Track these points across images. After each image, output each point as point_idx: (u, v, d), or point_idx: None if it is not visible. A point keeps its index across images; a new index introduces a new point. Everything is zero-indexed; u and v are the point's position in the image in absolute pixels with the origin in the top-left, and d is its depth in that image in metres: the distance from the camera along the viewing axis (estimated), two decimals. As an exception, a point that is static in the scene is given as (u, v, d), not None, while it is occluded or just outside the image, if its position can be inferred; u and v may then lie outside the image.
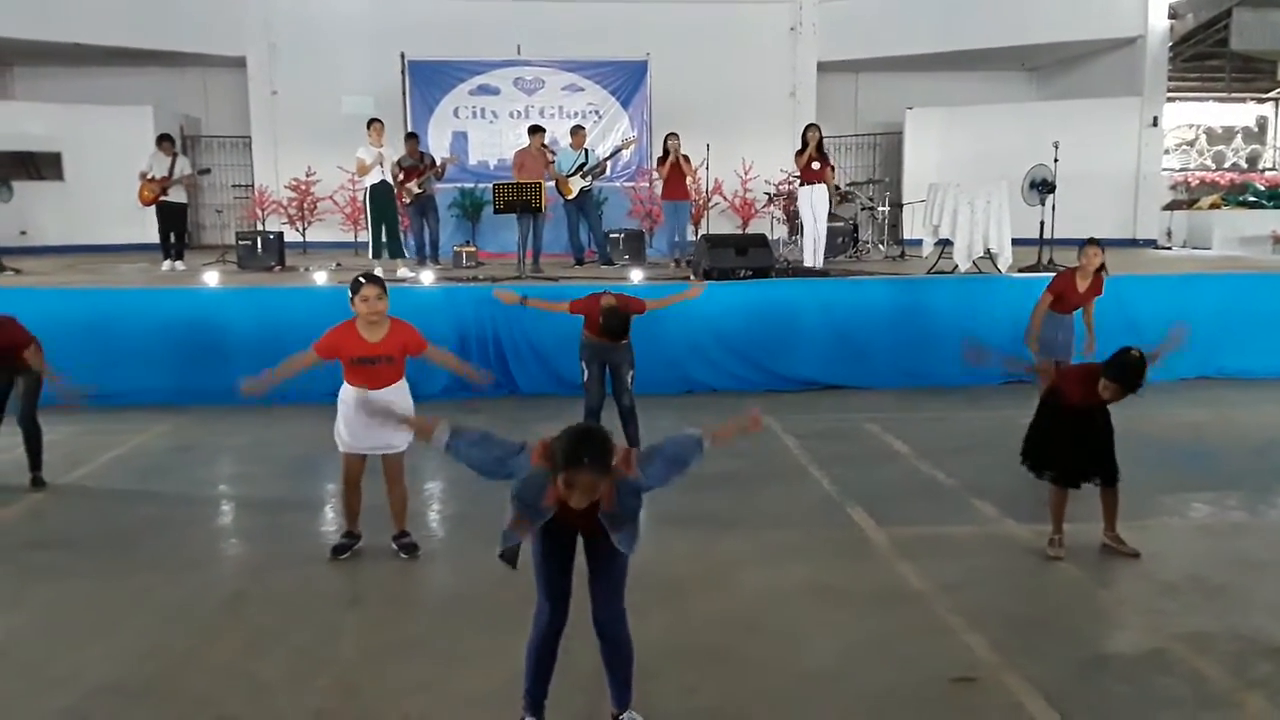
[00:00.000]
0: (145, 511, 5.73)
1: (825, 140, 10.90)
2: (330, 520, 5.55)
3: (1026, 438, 5.10)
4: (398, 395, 4.83)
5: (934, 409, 8.27)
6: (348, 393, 4.81)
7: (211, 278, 9.49)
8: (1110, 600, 4.43)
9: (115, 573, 4.76)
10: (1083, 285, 6.85)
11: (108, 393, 8.36)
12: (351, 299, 4.72)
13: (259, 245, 11.77)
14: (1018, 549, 5.00)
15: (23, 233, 14.13)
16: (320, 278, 9.81)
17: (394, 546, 4.98)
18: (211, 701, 3.52)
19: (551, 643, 3.18)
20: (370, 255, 10.96)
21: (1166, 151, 16.99)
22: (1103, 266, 6.93)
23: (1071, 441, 4.83)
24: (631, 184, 14.98)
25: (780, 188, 14.83)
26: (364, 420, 4.67)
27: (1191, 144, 17.77)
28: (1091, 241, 6.91)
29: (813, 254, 11.01)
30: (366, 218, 11.13)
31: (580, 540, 3.12)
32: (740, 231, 14.46)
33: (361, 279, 4.74)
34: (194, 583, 4.63)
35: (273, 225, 14.67)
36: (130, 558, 4.96)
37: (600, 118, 15.23)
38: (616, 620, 3.15)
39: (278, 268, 11.49)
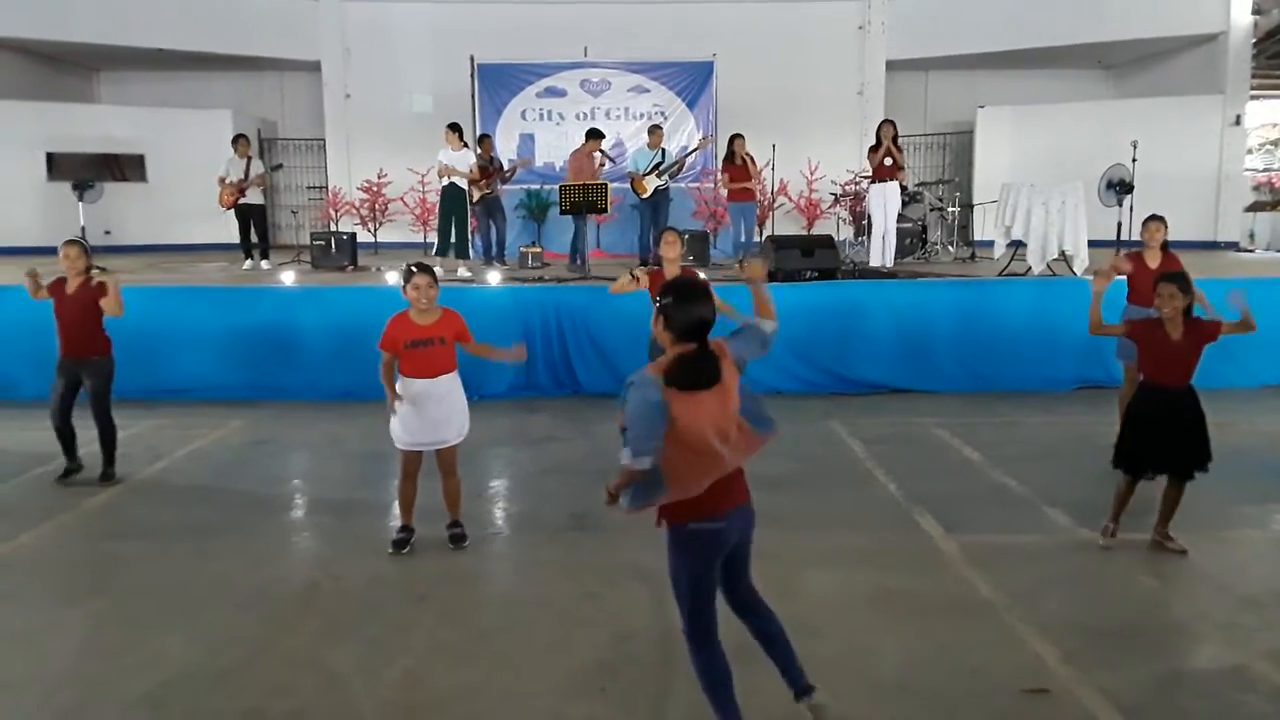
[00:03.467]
0: (222, 504, 5.89)
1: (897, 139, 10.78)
2: (398, 516, 5.64)
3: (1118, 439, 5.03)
4: (453, 387, 4.96)
5: (1005, 414, 8.12)
6: (405, 388, 4.87)
7: (287, 277, 9.73)
8: (1188, 613, 4.31)
9: (193, 563, 4.90)
10: (1153, 263, 6.68)
11: (187, 388, 8.66)
12: (403, 288, 4.84)
13: (332, 245, 12.01)
14: (1091, 558, 4.89)
15: (107, 232, 14.60)
16: (391, 278, 9.99)
17: (446, 535, 5.11)
18: (285, 690, 3.62)
19: (724, 657, 3.09)
20: (435, 253, 11.21)
21: (1249, 151, 16.45)
22: (1165, 244, 6.80)
23: (1154, 429, 4.76)
24: (696, 185, 14.96)
25: (847, 188, 14.68)
26: (424, 413, 4.82)
27: (1276, 144, 17.17)
28: (1153, 218, 6.78)
29: (880, 253, 10.89)
30: (434, 216, 11.44)
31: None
32: (806, 232, 14.35)
33: (413, 268, 4.87)
34: (269, 574, 4.76)
35: (345, 226, 14.97)
36: (207, 549, 5.11)
37: (666, 118, 15.21)
38: (754, 597, 3.20)
39: (350, 268, 11.71)
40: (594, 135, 12.12)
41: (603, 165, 12.16)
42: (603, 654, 3.78)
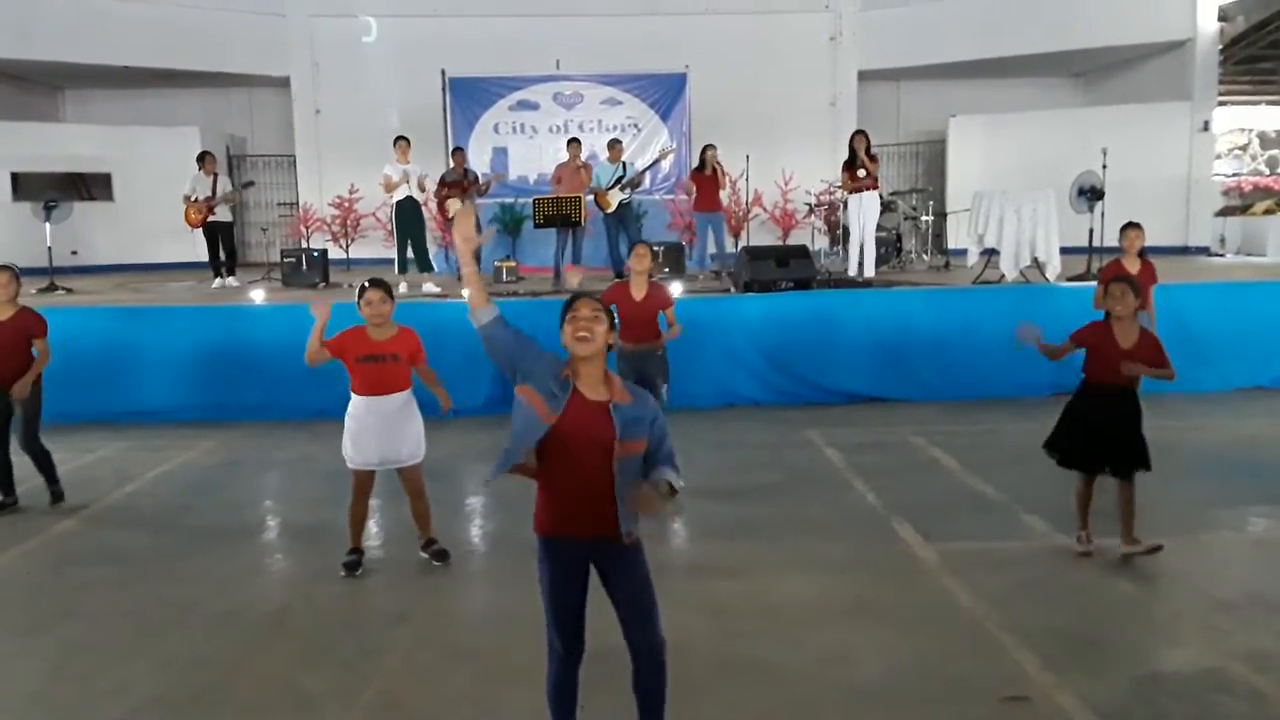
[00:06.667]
0: (192, 527, 5.80)
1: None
2: (374, 535, 5.59)
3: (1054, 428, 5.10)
4: (405, 406, 4.88)
5: (981, 421, 8.14)
6: (356, 405, 4.84)
7: (257, 295, 9.63)
8: (1165, 617, 4.32)
9: (163, 587, 4.82)
10: (1132, 269, 6.75)
11: (156, 409, 8.53)
12: (357, 303, 4.81)
13: (303, 262, 11.91)
14: (1069, 564, 4.89)
15: (74, 252, 14.38)
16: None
17: (423, 555, 5.03)
18: (257, 713, 3.56)
19: (569, 678, 3.08)
20: (396, 270, 11.14)
21: (1218, 156, 16.63)
22: (1143, 250, 6.88)
23: (1091, 425, 4.83)
24: (671, 196, 14.97)
25: (821, 198, 14.73)
26: (373, 431, 4.77)
27: (1244, 149, 17.37)
28: (1130, 225, 6.86)
29: (858, 264, 10.91)
30: (393, 233, 11.40)
31: (594, 573, 3.02)
32: (781, 243, 14.39)
33: (365, 284, 4.84)
34: (240, 597, 4.68)
35: (317, 242, 14.87)
36: (178, 572, 5.02)
37: (639, 131, 15.25)
38: (655, 650, 3.02)
39: (322, 284, 11.62)
40: (572, 143, 12.06)
41: (582, 169, 12.07)
42: (581, 672, 3.71)
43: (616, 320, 3.04)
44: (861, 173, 10.60)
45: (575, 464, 2.89)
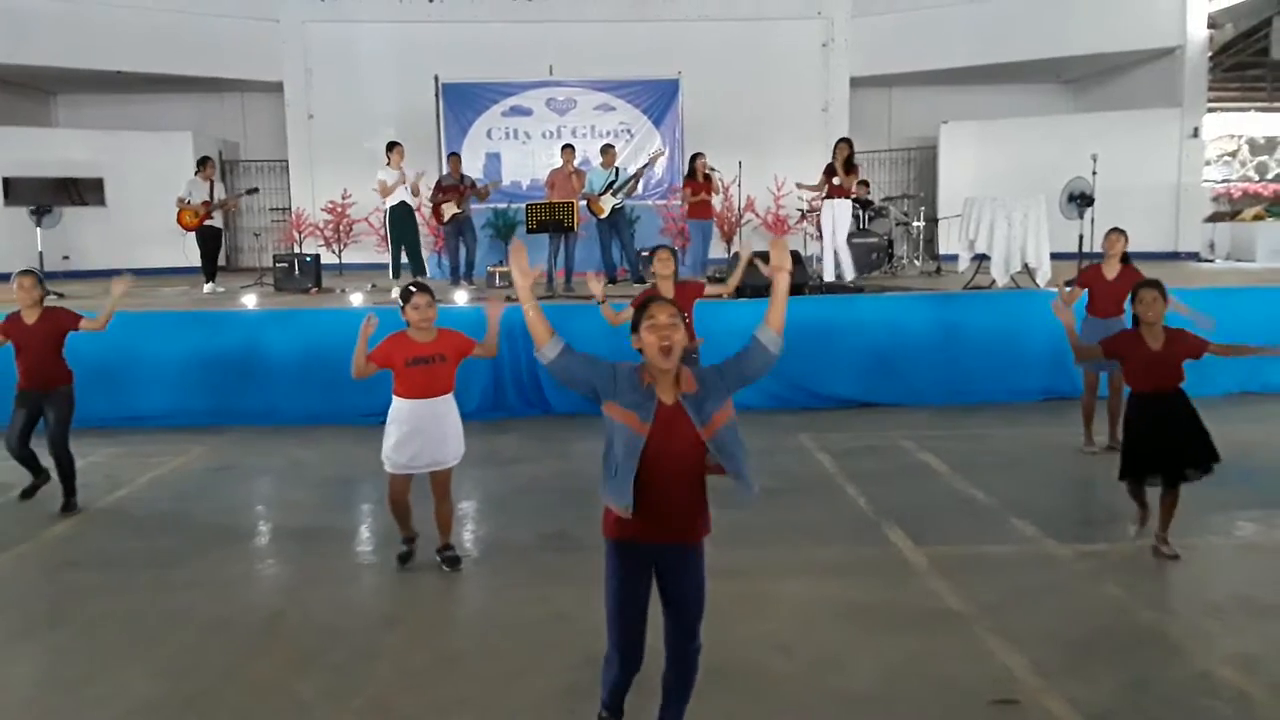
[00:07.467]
0: (184, 532, 5.79)
1: (858, 155, 10.82)
2: (366, 540, 5.60)
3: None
4: (451, 407, 4.89)
5: (972, 426, 8.17)
6: (400, 409, 4.81)
7: (249, 300, 9.62)
8: (1155, 621, 4.33)
9: (155, 592, 4.81)
10: (1110, 274, 6.80)
11: (148, 414, 8.52)
12: (402, 309, 4.79)
13: (296, 267, 11.89)
14: (1059, 569, 4.92)
15: (66, 257, 14.38)
16: (356, 299, 9.90)
17: (437, 559, 5.02)
18: (250, 719, 3.55)
19: (623, 683, 3.10)
20: (391, 275, 11.17)
21: (1208, 163, 16.70)
22: (1127, 257, 6.92)
23: (1148, 433, 4.86)
24: (664, 202, 15.00)
25: (813, 204, 14.77)
26: (420, 434, 4.74)
27: (1233, 155, 17.46)
28: (1113, 230, 6.94)
29: (833, 269, 10.94)
30: (386, 238, 11.44)
31: (654, 578, 3.03)
32: (773, 248, 14.39)
33: (412, 288, 4.83)
34: (233, 602, 4.67)
35: (309, 247, 14.86)
36: (170, 578, 5.01)
37: (632, 137, 15.27)
38: (694, 654, 3.06)
39: (314, 289, 11.60)
40: (566, 149, 12.15)
41: (574, 175, 12.12)
42: (573, 676, 3.73)
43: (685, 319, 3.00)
44: (837, 180, 10.62)
45: (667, 470, 2.87)
